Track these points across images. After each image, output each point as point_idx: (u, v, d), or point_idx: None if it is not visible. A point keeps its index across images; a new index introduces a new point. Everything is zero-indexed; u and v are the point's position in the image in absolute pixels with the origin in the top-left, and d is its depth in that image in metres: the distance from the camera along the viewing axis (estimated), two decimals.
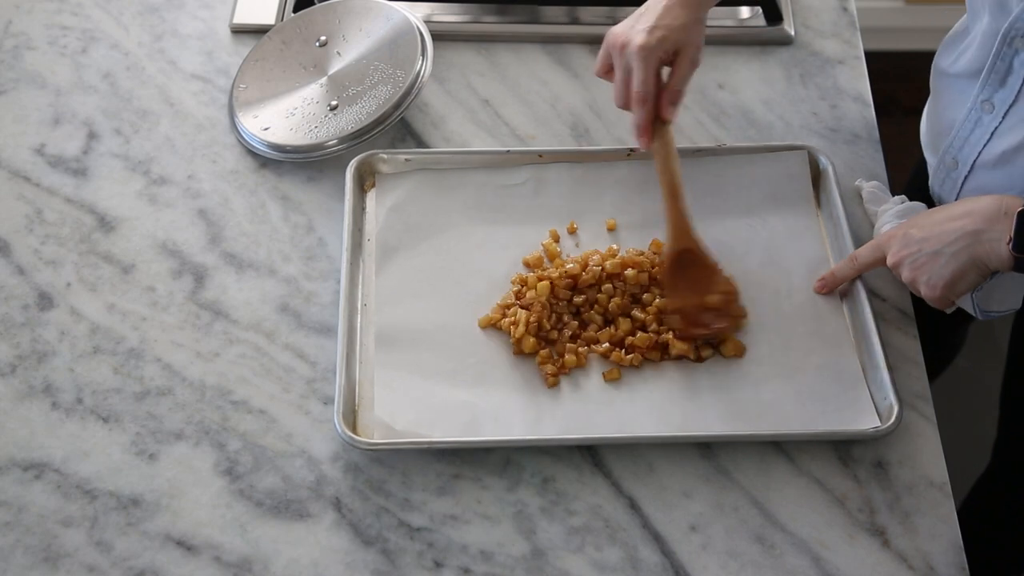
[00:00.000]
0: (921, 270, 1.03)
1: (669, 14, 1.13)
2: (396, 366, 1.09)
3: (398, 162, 1.23)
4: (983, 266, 1.00)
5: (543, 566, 1.00)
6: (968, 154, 1.12)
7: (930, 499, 1.04)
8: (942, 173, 1.16)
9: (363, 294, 1.15)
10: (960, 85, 1.13)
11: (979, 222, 0.99)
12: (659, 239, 1.18)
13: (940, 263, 1.01)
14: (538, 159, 1.23)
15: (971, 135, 1.11)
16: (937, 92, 1.19)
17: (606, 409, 1.07)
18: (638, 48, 1.11)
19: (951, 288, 1.02)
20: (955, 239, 1.00)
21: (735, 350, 1.10)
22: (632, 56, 1.12)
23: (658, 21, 1.12)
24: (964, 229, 1.00)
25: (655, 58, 1.12)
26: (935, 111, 1.19)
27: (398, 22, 1.32)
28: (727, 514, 1.03)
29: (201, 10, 1.42)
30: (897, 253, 1.05)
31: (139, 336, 1.13)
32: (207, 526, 1.02)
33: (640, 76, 1.12)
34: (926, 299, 1.05)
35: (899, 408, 1.04)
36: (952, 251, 1.00)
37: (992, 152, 1.09)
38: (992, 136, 1.08)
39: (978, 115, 1.09)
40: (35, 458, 1.06)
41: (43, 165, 1.26)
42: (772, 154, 1.23)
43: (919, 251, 1.03)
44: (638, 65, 1.11)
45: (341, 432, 1.03)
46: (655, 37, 1.11)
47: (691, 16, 1.14)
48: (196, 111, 1.32)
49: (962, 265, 1.00)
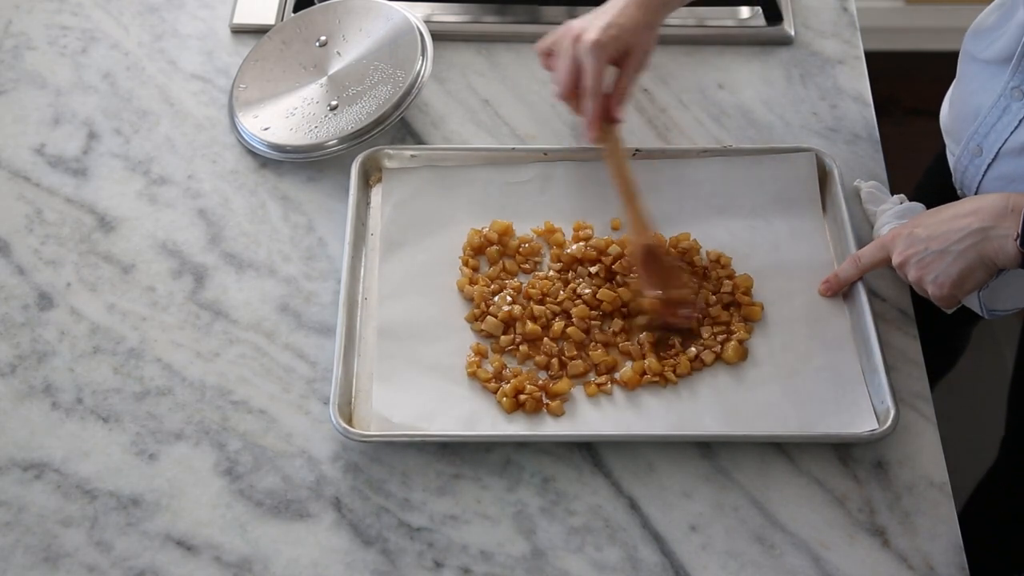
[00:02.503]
0: (928, 269, 1.03)
1: (624, 14, 1.15)
2: (396, 360, 1.10)
3: (404, 157, 1.24)
4: (991, 263, 1.00)
5: (543, 566, 1.00)
6: (994, 141, 1.11)
7: (930, 499, 1.04)
8: (965, 160, 1.16)
9: (364, 288, 1.15)
10: (991, 71, 1.12)
11: (986, 219, 0.99)
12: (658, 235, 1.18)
13: (947, 261, 1.01)
14: (543, 157, 1.24)
15: (998, 122, 1.10)
16: (964, 77, 1.18)
17: (605, 409, 1.07)
18: (592, 43, 1.13)
19: (958, 286, 1.02)
20: (962, 237, 1.00)
21: (738, 355, 1.10)
22: (585, 50, 1.13)
23: (614, 20, 1.14)
24: (971, 227, 0.99)
25: (606, 55, 1.14)
26: (960, 96, 1.18)
27: (398, 22, 1.32)
28: (727, 514, 1.03)
29: (201, 10, 1.42)
30: (903, 252, 1.05)
31: (139, 336, 1.13)
32: (207, 526, 1.02)
33: (591, 70, 1.13)
34: (932, 298, 1.05)
35: (895, 412, 1.04)
36: (959, 249, 1.00)
37: (1020, 139, 1.08)
38: (1021, 123, 1.07)
39: (1007, 102, 1.09)
40: (35, 458, 1.06)
41: (43, 165, 1.26)
42: (779, 156, 1.23)
43: (925, 249, 1.03)
44: (590, 60, 1.13)
45: (336, 423, 1.03)
46: (608, 35, 1.13)
47: (645, 19, 1.15)
48: (196, 111, 1.32)
49: (969, 263, 1.00)
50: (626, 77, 1.17)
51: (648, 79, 1.34)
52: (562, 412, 1.07)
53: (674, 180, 1.22)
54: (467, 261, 1.17)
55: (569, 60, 1.15)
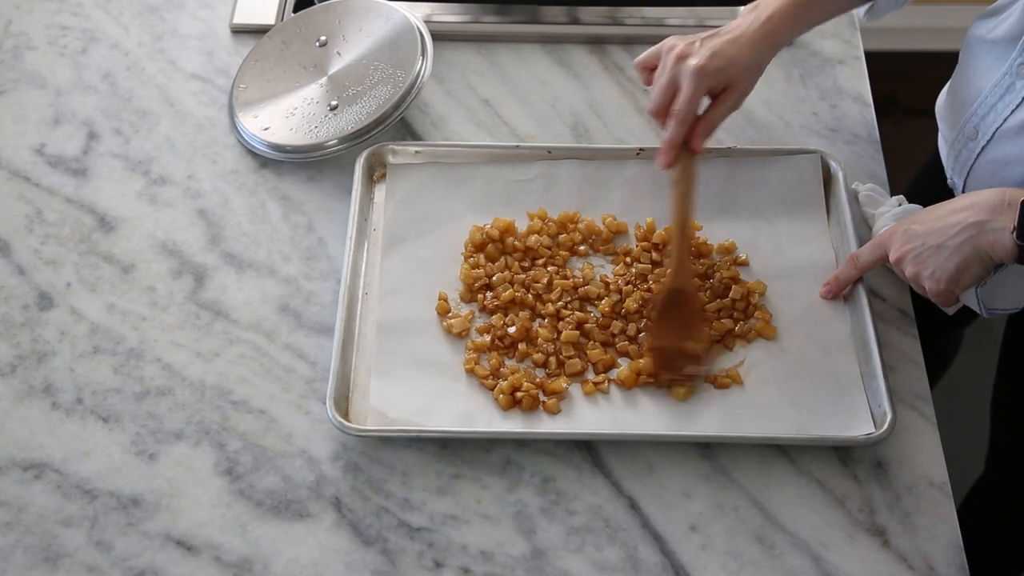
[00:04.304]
0: (924, 264, 1.03)
1: (735, 46, 1.09)
2: (394, 356, 1.10)
3: (408, 154, 1.24)
4: (987, 257, 1.00)
5: (543, 566, 1.00)
6: (992, 121, 1.11)
7: (930, 499, 1.04)
8: (959, 144, 1.16)
9: (365, 284, 1.15)
10: (997, 51, 1.12)
11: (982, 213, 0.99)
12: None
13: (943, 256, 1.01)
14: (547, 155, 1.24)
15: (999, 101, 1.10)
16: (967, 61, 1.18)
17: (602, 408, 1.07)
18: (696, 67, 1.07)
19: (955, 281, 1.02)
20: (958, 231, 1.00)
21: (739, 379, 1.09)
22: (686, 73, 1.08)
23: (724, 49, 1.08)
24: (966, 220, 0.99)
25: (707, 83, 1.08)
26: (962, 81, 1.18)
27: (398, 22, 1.32)
28: (727, 514, 1.03)
29: (201, 10, 1.42)
30: (899, 249, 1.05)
31: (139, 336, 1.13)
32: (207, 526, 1.02)
33: (687, 95, 1.08)
34: (929, 294, 1.05)
35: (892, 415, 1.04)
36: (955, 243, 1.00)
37: (1019, 118, 1.08)
38: (1023, 101, 1.08)
39: (1011, 80, 1.09)
40: (35, 458, 1.06)
41: (43, 165, 1.26)
42: (784, 157, 1.23)
43: (922, 245, 1.03)
44: (689, 83, 1.07)
45: (332, 417, 1.03)
46: (715, 64, 1.08)
47: (755, 60, 1.10)
48: (196, 111, 1.32)
49: (966, 257, 1.00)
50: (717, 112, 1.11)
51: None
52: (558, 410, 1.07)
53: None
54: (468, 258, 1.17)
55: (667, 79, 1.09)
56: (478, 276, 1.14)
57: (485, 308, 1.13)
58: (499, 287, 1.14)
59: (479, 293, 1.14)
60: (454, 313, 1.13)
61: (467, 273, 1.15)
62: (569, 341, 1.10)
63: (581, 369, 1.09)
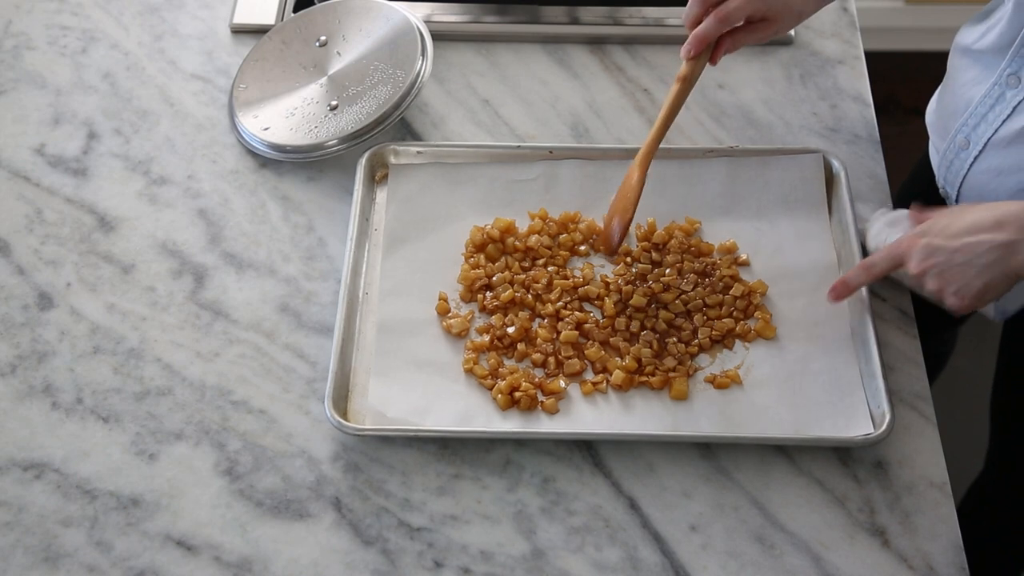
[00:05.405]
0: (949, 281, 1.01)
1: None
2: (393, 355, 1.10)
3: (410, 154, 1.24)
4: (1014, 276, 0.99)
5: (543, 566, 1.00)
6: (983, 132, 1.11)
7: (930, 499, 1.04)
8: (951, 155, 1.15)
9: (365, 283, 1.15)
10: (985, 61, 1.12)
11: (1013, 233, 0.98)
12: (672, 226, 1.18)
13: (970, 274, 1.00)
14: (548, 155, 1.24)
15: (990, 112, 1.10)
16: (955, 71, 1.18)
17: (601, 408, 1.07)
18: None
19: (980, 298, 1.01)
20: (987, 251, 0.99)
21: (737, 380, 1.10)
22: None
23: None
24: (996, 241, 0.98)
25: (757, 4, 1.10)
26: (951, 91, 1.18)
27: (398, 22, 1.32)
28: (727, 514, 1.03)
29: (201, 10, 1.42)
30: (921, 264, 1.03)
31: (139, 336, 1.13)
32: (207, 526, 1.02)
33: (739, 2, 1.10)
34: (950, 307, 1.03)
35: (891, 416, 1.04)
36: (984, 263, 0.99)
37: (1011, 128, 1.08)
38: (1014, 111, 1.07)
39: (1001, 90, 1.08)
40: (35, 458, 1.06)
41: (43, 165, 1.26)
42: (786, 157, 1.23)
43: (947, 262, 1.01)
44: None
45: (330, 416, 1.04)
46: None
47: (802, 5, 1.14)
48: (196, 111, 1.32)
49: (995, 277, 0.99)
50: (745, 35, 1.13)
51: (648, 79, 1.34)
52: (557, 410, 1.07)
53: (679, 179, 1.22)
54: (468, 258, 1.17)
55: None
56: (478, 276, 1.15)
57: (485, 308, 1.13)
58: (499, 287, 1.14)
59: (479, 293, 1.14)
60: (454, 313, 1.13)
61: (467, 273, 1.15)
62: (568, 341, 1.10)
63: (580, 369, 1.09)
